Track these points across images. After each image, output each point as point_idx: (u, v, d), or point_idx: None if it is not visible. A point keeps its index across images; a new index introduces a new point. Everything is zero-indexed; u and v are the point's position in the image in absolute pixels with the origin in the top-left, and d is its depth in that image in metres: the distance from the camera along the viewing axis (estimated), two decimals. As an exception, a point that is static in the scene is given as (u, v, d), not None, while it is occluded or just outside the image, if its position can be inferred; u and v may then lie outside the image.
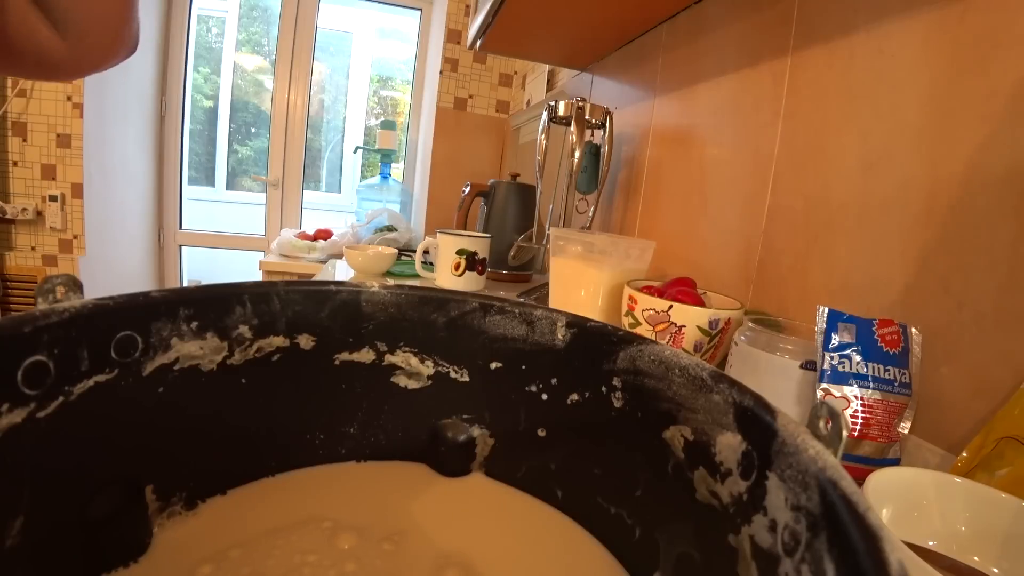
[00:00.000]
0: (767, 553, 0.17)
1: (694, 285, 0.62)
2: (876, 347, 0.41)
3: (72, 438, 0.19)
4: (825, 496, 0.14)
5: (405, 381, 0.31)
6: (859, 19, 0.53)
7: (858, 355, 0.40)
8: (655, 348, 0.24)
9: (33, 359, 0.17)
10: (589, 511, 0.28)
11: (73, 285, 0.20)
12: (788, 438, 0.17)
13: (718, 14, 0.78)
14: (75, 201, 1.77)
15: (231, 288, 0.25)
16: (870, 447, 0.39)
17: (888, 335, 0.41)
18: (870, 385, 0.39)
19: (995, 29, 0.40)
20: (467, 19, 1.89)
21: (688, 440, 0.22)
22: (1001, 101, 0.40)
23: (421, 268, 1.06)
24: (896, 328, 0.41)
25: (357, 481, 0.30)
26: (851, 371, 0.40)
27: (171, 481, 0.24)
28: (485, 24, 1.04)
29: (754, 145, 0.68)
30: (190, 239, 2.37)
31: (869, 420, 0.39)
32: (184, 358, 0.24)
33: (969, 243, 0.41)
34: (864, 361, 0.40)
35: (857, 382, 0.39)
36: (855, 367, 0.40)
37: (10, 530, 0.17)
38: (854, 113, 0.53)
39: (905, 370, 0.41)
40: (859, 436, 0.39)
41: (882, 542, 0.11)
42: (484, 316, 0.29)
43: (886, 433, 0.39)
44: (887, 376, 0.40)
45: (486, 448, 0.31)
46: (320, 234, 2.01)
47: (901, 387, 0.40)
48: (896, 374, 0.40)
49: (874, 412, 0.39)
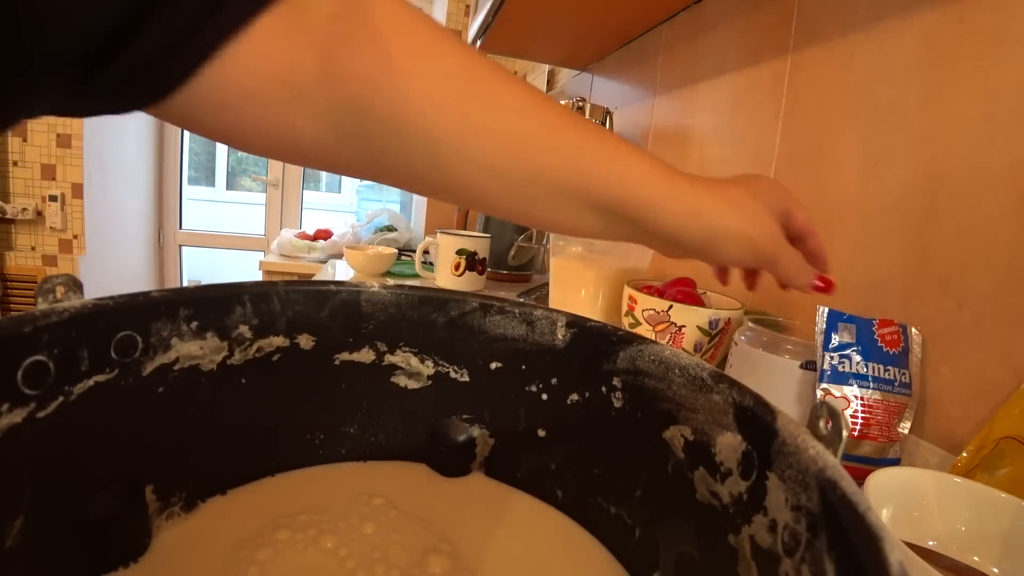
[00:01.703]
0: (767, 553, 0.17)
1: (694, 285, 0.62)
2: (876, 347, 0.40)
3: (72, 438, 0.19)
4: (825, 496, 0.14)
5: (405, 381, 0.31)
6: (859, 19, 0.53)
7: (858, 355, 0.40)
8: (655, 348, 0.24)
9: (33, 359, 0.17)
10: (589, 511, 0.28)
11: (73, 285, 0.20)
12: (788, 438, 0.17)
13: (718, 14, 0.78)
14: (75, 201, 1.77)
15: (231, 288, 0.25)
16: (870, 447, 0.39)
17: (888, 335, 0.41)
18: (870, 385, 0.39)
19: (995, 29, 0.40)
20: (467, 19, 1.89)
21: (688, 440, 0.22)
22: (1001, 101, 0.40)
23: (421, 268, 1.05)
24: (896, 328, 0.41)
25: (357, 481, 0.30)
26: (851, 371, 0.40)
27: (171, 481, 0.24)
28: (485, 24, 1.04)
29: (754, 145, 0.68)
30: (190, 239, 2.37)
31: (869, 420, 0.39)
32: (184, 358, 0.24)
33: (969, 243, 0.41)
34: (864, 361, 0.40)
35: (857, 382, 0.39)
36: (855, 367, 0.40)
37: (10, 530, 0.17)
38: (854, 113, 0.53)
39: (905, 370, 0.41)
40: (859, 436, 0.39)
41: (882, 542, 0.11)
42: (484, 316, 0.29)
43: (886, 433, 0.39)
44: (887, 376, 0.40)
45: (486, 448, 0.31)
46: (320, 234, 2.01)
47: (901, 387, 0.40)
48: (896, 374, 0.40)
49: (874, 412, 0.39)
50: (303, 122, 0.27)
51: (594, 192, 0.30)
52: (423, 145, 0.28)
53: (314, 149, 0.29)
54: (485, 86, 0.28)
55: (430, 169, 0.29)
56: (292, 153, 0.29)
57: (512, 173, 0.29)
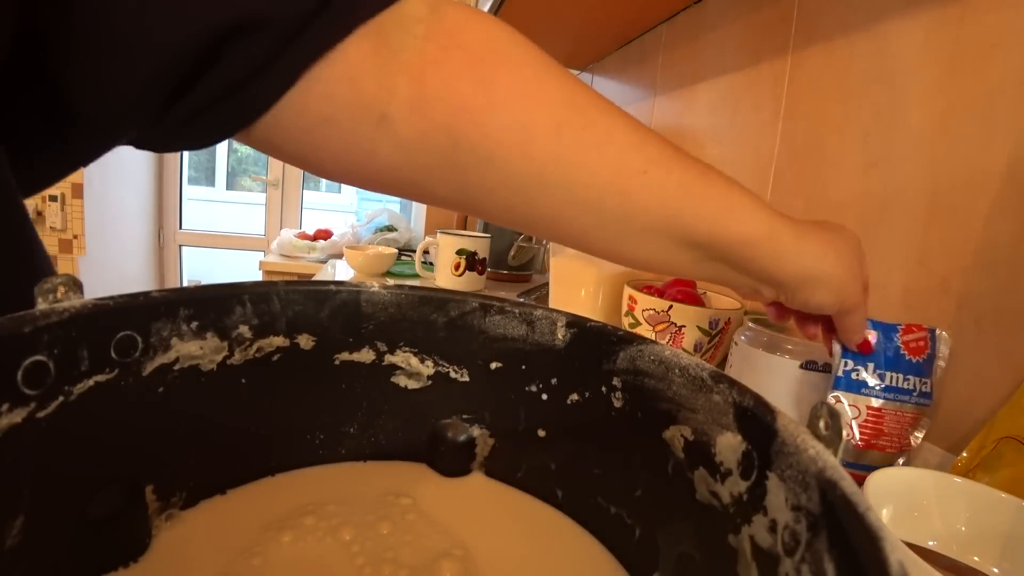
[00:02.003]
0: (767, 553, 0.17)
1: (694, 285, 0.62)
2: (898, 355, 0.38)
3: (72, 438, 0.19)
4: (825, 496, 0.14)
5: (405, 381, 0.31)
6: (859, 19, 0.53)
7: (875, 364, 0.38)
8: (655, 348, 0.24)
9: (33, 359, 0.17)
10: (589, 511, 0.28)
11: (73, 285, 0.20)
12: (788, 438, 0.17)
13: (718, 14, 0.78)
14: (75, 201, 1.77)
15: (231, 288, 0.25)
16: (878, 456, 0.38)
17: (913, 342, 0.38)
18: (883, 395, 0.38)
19: (995, 29, 0.40)
20: (467, 19, 1.89)
21: (688, 440, 0.22)
22: (1001, 101, 0.40)
23: (421, 268, 1.06)
24: (923, 334, 0.39)
25: (357, 481, 0.30)
26: (864, 380, 0.38)
27: (171, 481, 0.24)
28: (485, 24, 1.04)
29: (754, 145, 0.68)
30: (190, 239, 2.37)
31: (879, 431, 0.38)
32: (184, 358, 0.24)
33: (969, 243, 0.41)
34: (882, 370, 0.38)
35: (870, 392, 0.38)
36: (871, 375, 0.38)
37: (10, 530, 0.17)
38: (854, 113, 0.53)
39: (927, 379, 0.38)
40: (865, 446, 0.37)
41: (882, 542, 0.11)
42: (484, 316, 0.29)
43: (896, 443, 0.38)
44: (905, 386, 0.38)
45: (486, 448, 0.31)
46: (320, 234, 2.01)
47: (920, 396, 0.38)
48: (916, 383, 0.38)
49: (886, 422, 0.38)
50: (386, 150, 0.25)
51: (691, 229, 0.28)
52: (516, 179, 0.26)
53: (398, 177, 0.27)
54: (585, 116, 0.26)
55: (521, 203, 0.27)
56: (373, 180, 0.28)
57: (609, 210, 0.27)
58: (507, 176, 0.26)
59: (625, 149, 0.26)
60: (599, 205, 0.27)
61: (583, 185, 0.26)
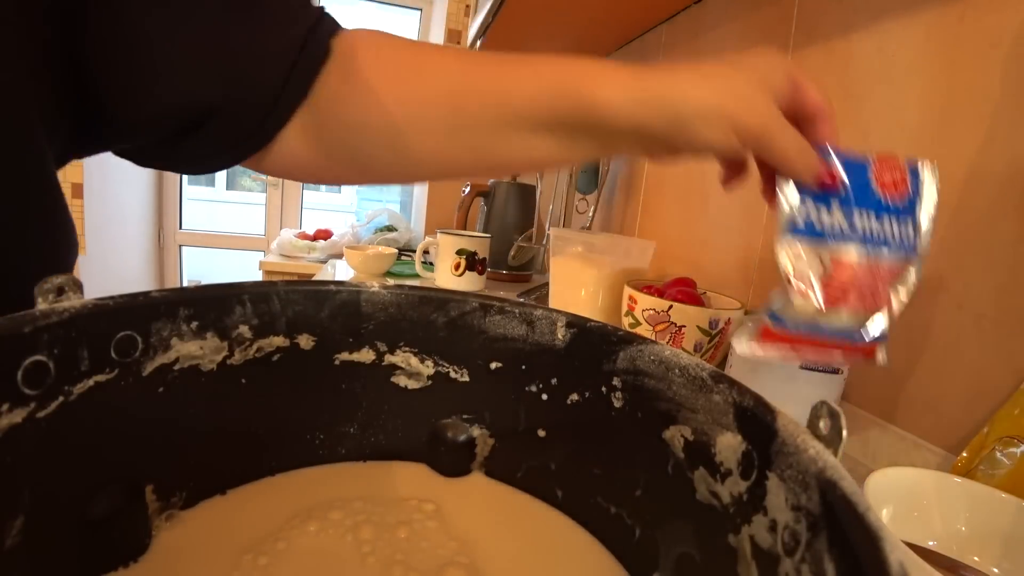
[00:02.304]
0: (767, 553, 0.17)
1: (694, 285, 0.62)
2: (870, 194, 0.30)
3: (72, 438, 0.19)
4: (825, 496, 0.14)
5: (405, 381, 0.31)
6: (859, 19, 0.53)
7: (840, 203, 0.30)
8: (655, 348, 0.24)
9: (33, 359, 0.18)
10: (589, 511, 0.28)
11: (73, 285, 0.20)
12: (788, 438, 0.17)
13: (718, 14, 0.78)
14: (75, 201, 1.77)
15: (231, 288, 0.25)
16: (846, 316, 0.30)
17: (889, 178, 0.30)
18: (852, 241, 0.30)
19: (995, 29, 0.40)
20: (467, 19, 1.89)
21: (688, 440, 0.22)
22: (1001, 101, 0.40)
23: (421, 268, 1.05)
24: (900, 170, 0.30)
25: (357, 481, 0.30)
26: (827, 225, 0.30)
27: (171, 481, 0.24)
28: (485, 24, 1.04)
29: (754, 145, 0.68)
30: (190, 239, 2.36)
31: (850, 286, 0.30)
32: (184, 358, 0.24)
33: (969, 243, 0.41)
34: (850, 212, 0.30)
35: (836, 237, 0.30)
36: (834, 220, 0.30)
37: (10, 530, 0.17)
38: (854, 113, 0.53)
39: (907, 221, 0.30)
40: (831, 304, 0.29)
41: (882, 542, 0.11)
42: (484, 316, 0.29)
43: (871, 302, 0.30)
44: (881, 233, 0.30)
45: (486, 448, 0.31)
46: (320, 234, 2.01)
47: (901, 244, 0.30)
48: (895, 228, 0.30)
49: (857, 275, 0.30)
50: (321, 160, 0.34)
51: (537, 108, 0.29)
52: (382, 134, 0.32)
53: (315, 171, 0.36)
54: (419, 66, 0.32)
55: (394, 156, 0.33)
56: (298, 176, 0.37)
57: (460, 124, 0.31)
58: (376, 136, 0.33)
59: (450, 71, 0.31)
60: (451, 125, 0.31)
61: (429, 118, 0.31)
